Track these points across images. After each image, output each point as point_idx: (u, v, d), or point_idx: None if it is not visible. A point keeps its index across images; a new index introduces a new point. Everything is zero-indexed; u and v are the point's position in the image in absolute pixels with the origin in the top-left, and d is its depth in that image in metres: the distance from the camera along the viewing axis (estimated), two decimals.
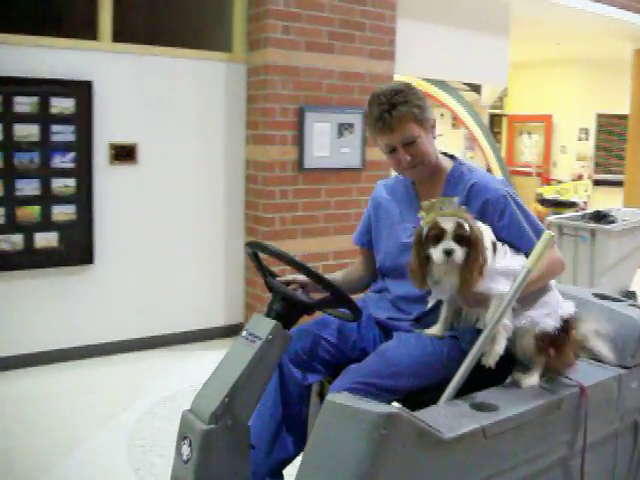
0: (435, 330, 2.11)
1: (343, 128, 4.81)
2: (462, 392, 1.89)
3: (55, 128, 4.04)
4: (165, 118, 4.48)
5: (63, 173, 4.08)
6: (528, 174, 11.08)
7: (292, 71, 4.57)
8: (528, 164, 11.39)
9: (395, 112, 2.12)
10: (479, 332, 1.96)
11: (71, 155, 4.10)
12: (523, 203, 2.22)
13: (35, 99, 3.96)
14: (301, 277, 2.19)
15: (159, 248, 4.48)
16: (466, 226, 1.89)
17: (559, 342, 2.02)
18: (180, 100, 4.53)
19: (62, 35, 4.18)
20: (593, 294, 2.45)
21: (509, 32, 6.30)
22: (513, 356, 2.08)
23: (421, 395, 2.00)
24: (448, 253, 1.87)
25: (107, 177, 4.26)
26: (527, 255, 1.99)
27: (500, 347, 1.94)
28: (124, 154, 4.31)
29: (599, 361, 2.19)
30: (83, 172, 4.15)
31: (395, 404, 1.65)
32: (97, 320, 4.31)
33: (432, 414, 1.74)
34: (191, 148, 4.61)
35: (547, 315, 2.04)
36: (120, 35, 4.33)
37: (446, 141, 11.09)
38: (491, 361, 1.93)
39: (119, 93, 4.29)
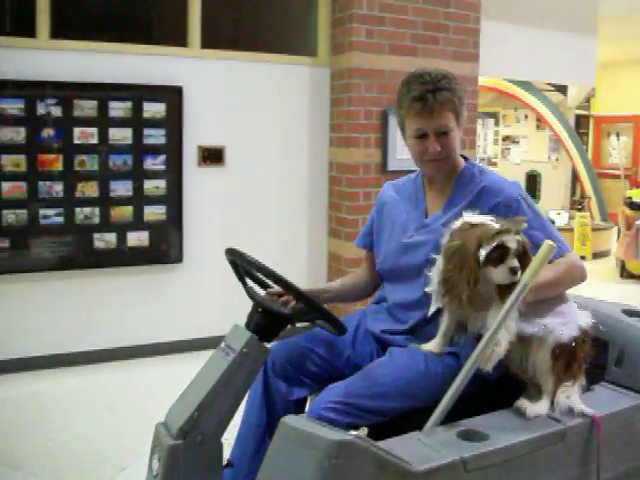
0: (432, 345, 1.92)
1: None
2: (458, 416, 1.72)
3: (147, 132, 4.20)
4: (251, 121, 4.59)
5: (154, 175, 4.25)
6: (616, 176, 10.71)
7: (376, 74, 4.60)
8: (616, 166, 11.03)
9: (439, 96, 1.97)
10: None
11: (162, 157, 4.26)
12: (538, 208, 2.07)
13: (128, 104, 4.14)
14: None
15: (245, 248, 4.57)
16: (524, 244, 1.79)
17: (577, 356, 1.85)
18: (266, 104, 4.63)
19: (153, 42, 4.35)
20: (622, 310, 2.19)
21: (596, 30, 6.14)
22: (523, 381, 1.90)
23: (412, 418, 1.78)
24: (514, 272, 1.74)
25: (196, 178, 4.41)
26: None
27: (501, 349, 1.74)
28: (212, 156, 4.44)
29: (619, 385, 1.99)
30: (173, 174, 4.30)
31: (353, 432, 1.45)
32: (187, 317, 4.47)
33: (409, 442, 1.58)
34: (276, 150, 4.71)
35: (564, 324, 1.86)
36: (208, 41, 4.47)
37: (531, 143, 10.90)
38: (489, 365, 1.73)
39: (207, 98, 4.43)
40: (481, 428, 1.66)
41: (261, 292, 2.02)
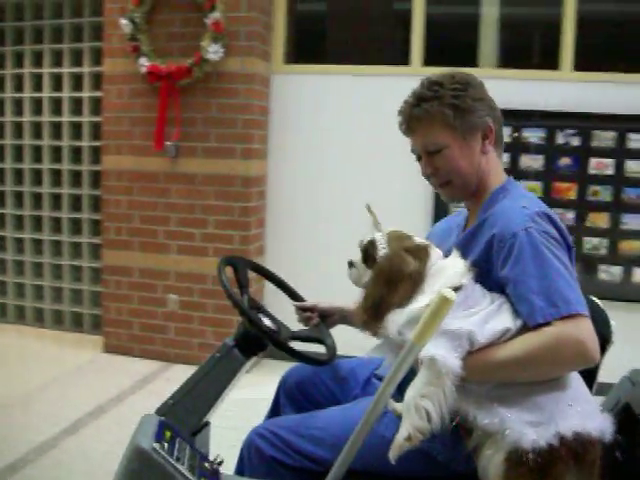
0: (400, 405, 1.49)
1: None
2: None
3: None
4: None
5: None
6: None
7: None
8: None
9: (417, 110, 1.68)
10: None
11: None
12: (553, 251, 1.50)
13: None
14: (323, 304, 2.03)
15: None
16: (380, 245, 1.54)
17: (550, 475, 1.34)
18: None
19: None
20: None
21: None
22: None
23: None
24: (349, 264, 1.61)
25: None
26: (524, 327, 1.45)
27: (401, 436, 1.39)
28: None
29: None
30: None
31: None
32: None
33: None
34: None
35: (535, 424, 1.37)
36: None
37: None
38: (391, 454, 1.40)
39: None
40: None
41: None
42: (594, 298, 1.91)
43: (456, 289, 1.43)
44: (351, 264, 1.64)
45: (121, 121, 4.34)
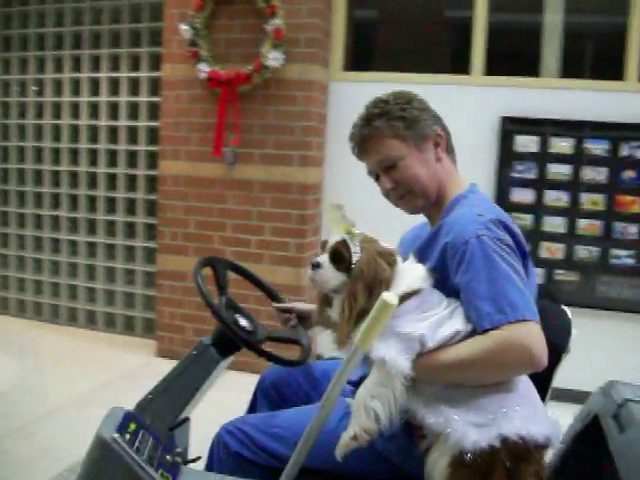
0: None
1: None
2: None
3: None
4: None
5: None
6: None
7: None
8: None
9: (367, 129, 1.73)
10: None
11: None
12: (506, 259, 1.51)
13: None
14: (301, 306, 2.04)
15: None
16: (352, 247, 1.48)
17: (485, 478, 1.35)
18: None
19: None
20: None
21: None
22: None
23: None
24: (314, 265, 1.53)
25: None
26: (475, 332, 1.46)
27: (347, 435, 1.44)
28: None
29: None
30: None
31: None
32: None
33: None
34: None
35: (478, 425, 1.38)
36: None
37: None
38: (337, 452, 1.46)
39: None
40: None
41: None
42: (564, 307, 1.95)
43: (413, 293, 1.48)
44: (317, 265, 1.55)
45: (179, 126, 4.36)
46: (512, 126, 4.03)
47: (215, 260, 1.98)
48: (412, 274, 1.53)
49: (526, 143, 4.04)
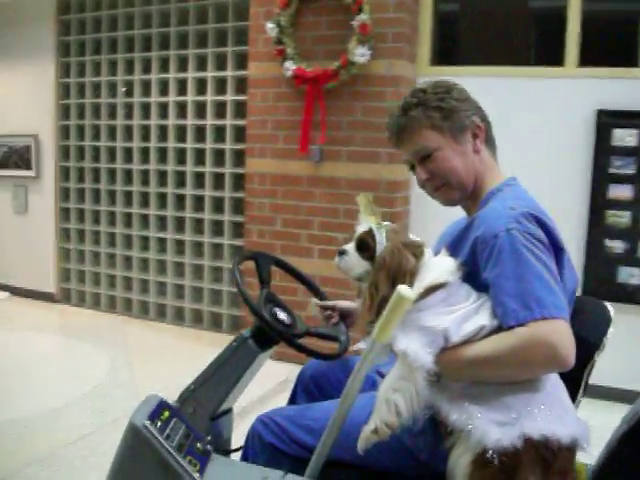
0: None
1: None
2: None
3: None
4: None
5: None
6: None
7: None
8: None
9: (404, 119, 1.71)
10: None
11: None
12: (534, 254, 1.46)
13: None
14: (344, 304, 2.03)
15: None
16: (378, 237, 1.51)
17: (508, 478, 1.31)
18: None
19: None
20: None
21: None
22: None
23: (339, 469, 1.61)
24: (340, 253, 1.58)
25: None
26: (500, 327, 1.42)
27: (368, 428, 1.42)
28: None
29: None
30: None
31: None
32: None
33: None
34: None
35: (501, 424, 1.35)
36: None
37: None
38: (358, 445, 1.43)
39: None
40: None
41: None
42: (607, 303, 1.82)
43: (439, 286, 1.46)
44: (343, 252, 1.59)
45: (265, 124, 4.38)
46: (609, 119, 3.87)
47: (258, 254, 2.01)
48: (439, 267, 1.51)
49: (624, 137, 3.88)
